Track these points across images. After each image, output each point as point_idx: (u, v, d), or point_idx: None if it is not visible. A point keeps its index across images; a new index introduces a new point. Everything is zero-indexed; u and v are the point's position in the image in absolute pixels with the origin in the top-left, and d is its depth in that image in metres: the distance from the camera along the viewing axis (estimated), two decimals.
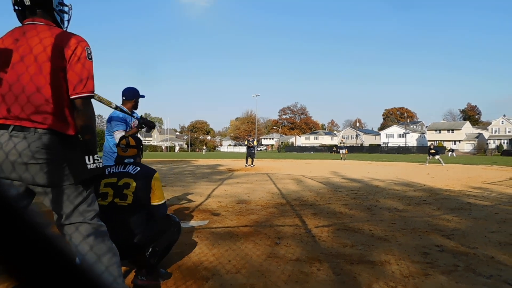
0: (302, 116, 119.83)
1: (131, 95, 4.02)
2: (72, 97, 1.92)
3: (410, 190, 8.57)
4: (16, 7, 1.96)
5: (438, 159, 21.78)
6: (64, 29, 2.12)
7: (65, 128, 1.91)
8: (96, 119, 2.15)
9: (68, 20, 2.17)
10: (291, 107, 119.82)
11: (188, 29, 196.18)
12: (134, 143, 2.93)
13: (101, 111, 56.35)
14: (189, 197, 7.37)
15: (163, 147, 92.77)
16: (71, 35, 1.97)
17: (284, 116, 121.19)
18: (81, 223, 1.91)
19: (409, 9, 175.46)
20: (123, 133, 3.90)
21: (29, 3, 1.92)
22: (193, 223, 4.85)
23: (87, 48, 1.96)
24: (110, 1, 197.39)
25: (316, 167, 18.92)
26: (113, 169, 2.82)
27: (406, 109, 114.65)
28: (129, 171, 2.78)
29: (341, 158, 29.90)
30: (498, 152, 65.29)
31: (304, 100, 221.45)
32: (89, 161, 1.88)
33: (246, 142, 19.40)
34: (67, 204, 1.89)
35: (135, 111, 4.14)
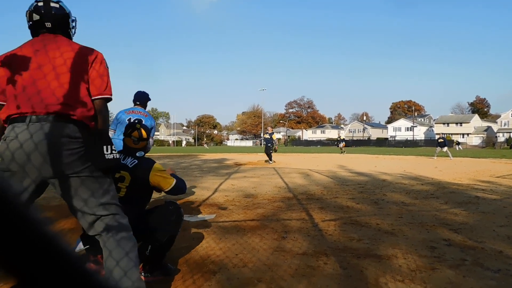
0: (308, 110, 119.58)
1: (144, 100, 4.55)
2: (93, 98, 2.07)
3: (418, 184, 8.53)
4: (32, 25, 2.11)
5: (446, 151, 21.57)
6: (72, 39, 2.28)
7: (86, 119, 2.02)
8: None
9: (75, 32, 2.34)
10: (298, 101, 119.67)
11: (194, 23, 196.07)
12: (146, 136, 2.88)
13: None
14: (196, 191, 7.41)
15: (170, 142, 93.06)
16: (89, 49, 2.14)
17: (290, 110, 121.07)
18: (103, 216, 1.99)
19: (416, 5, 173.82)
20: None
21: (50, 26, 2.09)
22: (200, 217, 4.88)
23: (103, 59, 2.16)
24: None
25: (323, 161, 18.88)
26: None
27: (414, 102, 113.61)
28: (127, 163, 2.73)
29: (341, 152, 30.08)
30: (507, 145, 64.52)
31: (310, 94, 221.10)
32: (107, 151, 2.00)
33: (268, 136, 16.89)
34: (85, 195, 1.94)
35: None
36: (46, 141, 1.83)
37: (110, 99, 2.15)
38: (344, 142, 31.16)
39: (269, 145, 16.79)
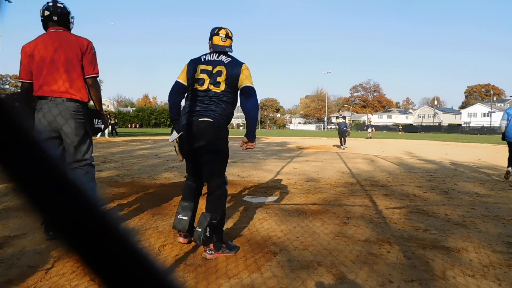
0: (375, 94, 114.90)
1: None
2: (86, 76, 3.20)
3: (495, 174, 7.94)
4: (44, 20, 3.17)
5: None
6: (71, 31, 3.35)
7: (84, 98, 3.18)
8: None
9: (72, 25, 3.37)
10: (364, 85, 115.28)
11: (257, 6, 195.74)
12: (231, 34, 3.17)
13: None
14: (259, 173, 7.52)
15: (234, 124, 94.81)
16: (83, 38, 3.23)
17: (355, 94, 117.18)
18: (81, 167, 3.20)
19: None
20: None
21: (56, 19, 3.16)
22: (262, 198, 4.96)
23: (93, 46, 3.25)
24: None
25: (389, 147, 18.17)
26: (208, 57, 3.06)
27: (493, 85, 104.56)
28: (222, 59, 3.01)
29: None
30: None
31: (377, 77, 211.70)
32: (96, 123, 3.38)
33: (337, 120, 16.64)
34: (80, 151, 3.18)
35: None
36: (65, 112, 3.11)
37: (97, 77, 3.28)
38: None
39: (344, 128, 16.47)
